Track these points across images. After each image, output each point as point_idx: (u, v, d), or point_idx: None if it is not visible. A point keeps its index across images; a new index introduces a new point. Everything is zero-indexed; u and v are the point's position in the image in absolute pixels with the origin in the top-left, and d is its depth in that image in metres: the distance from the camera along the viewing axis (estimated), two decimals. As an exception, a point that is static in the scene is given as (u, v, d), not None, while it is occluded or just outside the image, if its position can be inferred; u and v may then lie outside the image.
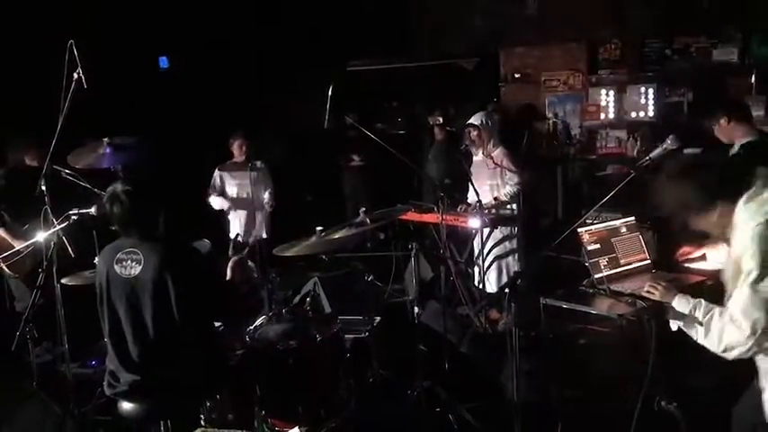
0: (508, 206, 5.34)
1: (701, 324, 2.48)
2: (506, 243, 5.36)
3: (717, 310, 2.43)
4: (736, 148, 4.32)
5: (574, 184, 7.70)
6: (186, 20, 7.21)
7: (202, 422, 3.40)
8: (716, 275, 2.78)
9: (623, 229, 3.51)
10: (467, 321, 5.12)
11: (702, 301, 2.54)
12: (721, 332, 2.37)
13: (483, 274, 5.39)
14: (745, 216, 2.36)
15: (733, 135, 4.37)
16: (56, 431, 3.83)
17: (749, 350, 2.31)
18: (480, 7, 8.58)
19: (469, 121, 5.51)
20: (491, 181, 5.44)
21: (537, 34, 8.24)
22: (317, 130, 4.36)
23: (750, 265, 2.28)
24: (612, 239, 3.42)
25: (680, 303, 2.64)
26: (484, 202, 5.17)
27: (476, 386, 4.20)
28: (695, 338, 2.51)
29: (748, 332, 2.27)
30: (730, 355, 2.36)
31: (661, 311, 2.76)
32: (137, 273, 2.96)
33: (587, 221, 3.55)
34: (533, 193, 5.68)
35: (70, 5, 6.12)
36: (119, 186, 3.02)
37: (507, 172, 5.35)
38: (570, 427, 3.48)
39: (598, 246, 3.37)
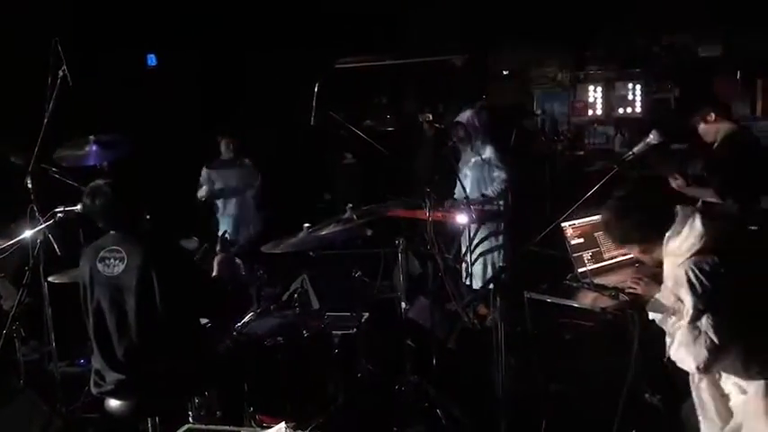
0: (495, 202, 5.36)
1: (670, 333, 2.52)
2: (493, 239, 5.39)
3: (684, 327, 2.45)
4: (718, 141, 4.38)
5: (562, 180, 7.74)
6: (174, 17, 7.19)
7: (190, 419, 3.39)
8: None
9: (607, 224, 3.53)
10: (455, 317, 5.14)
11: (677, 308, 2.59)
12: (677, 353, 2.44)
13: (470, 269, 5.41)
14: (669, 254, 2.48)
15: (717, 131, 4.41)
16: (43, 430, 3.81)
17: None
18: (469, 4, 8.59)
19: (457, 119, 5.53)
20: (479, 177, 5.46)
21: (525, 31, 8.27)
22: (308, 128, 4.37)
23: (688, 304, 2.37)
24: (596, 234, 3.44)
25: (663, 297, 2.67)
26: (471, 198, 5.19)
27: (463, 381, 4.22)
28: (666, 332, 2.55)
29: (696, 366, 2.38)
30: (684, 367, 2.47)
31: (644, 305, 2.78)
32: (120, 271, 2.94)
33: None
34: (521, 190, 5.71)
35: (57, 2, 6.09)
36: (100, 180, 3.01)
37: (495, 168, 5.38)
38: (556, 422, 3.50)
39: (582, 240, 3.39)
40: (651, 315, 2.70)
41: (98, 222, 3.07)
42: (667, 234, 2.49)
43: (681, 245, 2.44)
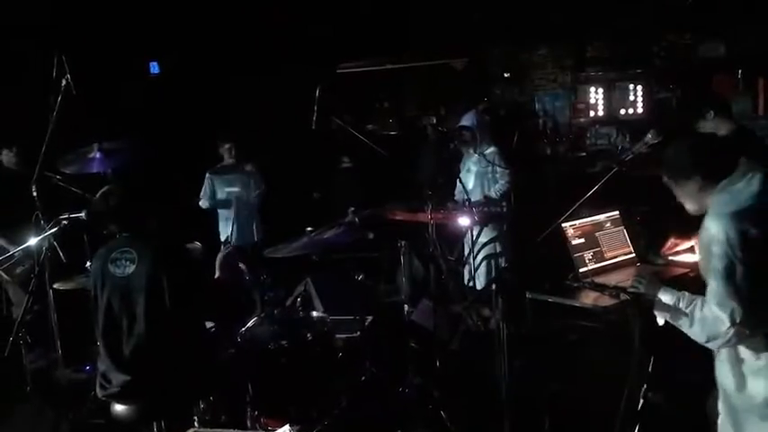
0: (497, 204, 5.38)
1: (686, 315, 2.51)
2: (496, 241, 5.40)
3: (699, 301, 2.46)
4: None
5: (564, 182, 7.75)
6: (176, 25, 7.23)
7: (196, 423, 3.41)
8: (698, 267, 2.82)
9: (607, 224, 3.55)
10: (458, 319, 5.15)
11: (686, 293, 2.58)
12: (703, 323, 2.40)
13: (473, 271, 5.42)
14: (715, 204, 2.41)
15: (717, 129, 4.41)
16: (50, 435, 3.85)
17: (729, 341, 2.35)
18: (469, 8, 8.62)
19: (461, 123, 5.54)
20: (482, 179, 5.48)
21: (526, 33, 8.30)
22: (308, 132, 4.40)
23: (719, 255, 2.31)
24: (597, 233, 3.46)
25: (665, 296, 2.67)
26: (474, 200, 5.21)
27: (467, 383, 4.23)
28: (682, 329, 2.54)
29: (728, 323, 2.30)
30: (714, 345, 2.40)
31: (646, 304, 2.79)
32: (131, 271, 3.02)
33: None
34: (523, 191, 5.73)
35: (60, 11, 6.14)
36: (111, 185, 3.15)
37: (498, 170, 5.39)
38: (559, 422, 3.51)
39: (582, 240, 3.40)
40: (659, 317, 2.70)
41: (110, 224, 3.15)
42: (723, 182, 2.41)
43: (734, 197, 2.37)
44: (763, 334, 2.36)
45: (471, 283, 5.50)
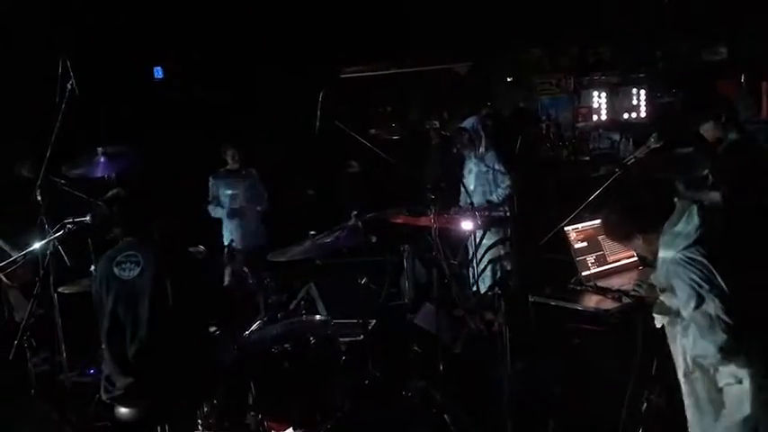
0: (500, 208, 5.39)
1: (682, 321, 2.53)
2: (499, 245, 5.40)
3: (692, 321, 2.47)
4: (723, 146, 4.38)
5: (567, 186, 7.74)
6: (180, 30, 7.27)
7: (199, 426, 3.42)
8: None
9: (610, 227, 3.54)
10: (461, 322, 5.15)
11: None
12: (694, 344, 2.45)
13: (477, 275, 5.43)
14: (664, 247, 2.50)
15: (720, 134, 4.42)
16: (54, 439, 3.86)
17: (721, 361, 2.42)
18: (472, 12, 8.63)
19: (461, 125, 5.57)
20: (484, 184, 5.48)
21: (528, 38, 8.31)
22: (313, 137, 4.42)
23: (685, 295, 2.40)
24: (599, 237, 3.46)
25: (667, 299, 2.68)
26: (476, 204, 5.21)
27: (470, 386, 4.23)
28: (676, 335, 2.56)
29: (719, 350, 2.37)
30: (706, 362, 2.48)
31: (648, 308, 2.80)
32: (136, 274, 3.04)
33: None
34: (526, 195, 5.73)
35: (65, 17, 6.18)
36: (117, 189, 3.18)
37: (500, 174, 5.40)
38: (562, 425, 3.51)
39: (585, 244, 3.41)
40: (658, 320, 2.71)
41: (115, 229, 3.19)
42: (665, 225, 2.50)
43: (676, 237, 2.46)
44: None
45: (474, 287, 5.50)
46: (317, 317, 4.15)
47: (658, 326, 2.71)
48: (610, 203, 2.80)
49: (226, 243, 5.99)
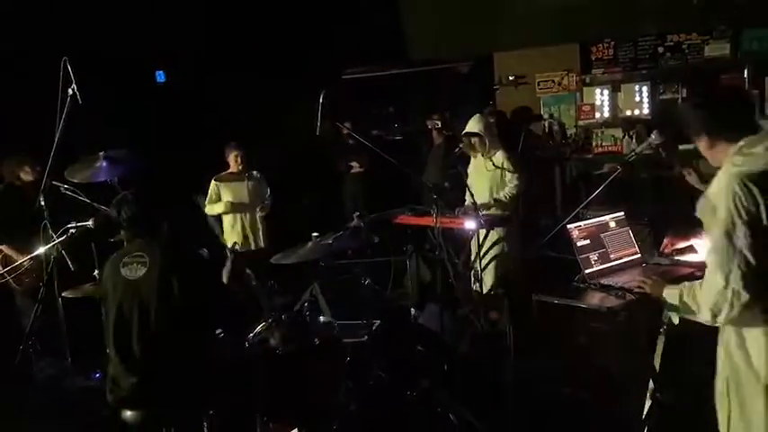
0: (505, 207, 5.38)
1: (692, 301, 2.48)
2: (503, 244, 5.39)
3: (697, 283, 2.43)
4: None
5: (571, 184, 7.74)
6: (182, 34, 7.28)
7: (204, 429, 3.42)
8: (704, 266, 2.81)
9: (612, 224, 3.54)
10: (465, 322, 5.15)
11: (686, 282, 2.56)
12: (704, 296, 2.35)
13: (480, 274, 5.42)
14: (728, 162, 2.36)
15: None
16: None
17: (733, 307, 2.26)
18: (473, 11, 8.63)
19: (469, 130, 5.52)
20: (491, 183, 5.47)
21: (529, 36, 8.29)
22: (315, 138, 4.42)
23: (722, 213, 2.27)
24: (602, 234, 3.45)
25: (670, 295, 2.67)
26: (482, 203, 5.21)
27: (475, 386, 4.22)
28: (697, 320, 2.49)
29: (722, 283, 2.25)
30: (720, 319, 2.32)
31: (652, 305, 2.78)
32: (142, 274, 3.07)
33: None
34: (531, 194, 5.72)
35: (67, 20, 6.19)
36: (126, 193, 3.22)
37: (507, 173, 5.39)
38: (568, 425, 3.50)
39: (588, 241, 3.39)
40: (672, 316, 2.68)
41: (123, 231, 3.24)
42: (741, 143, 2.35)
43: (749, 160, 2.31)
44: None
45: (478, 286, 5.49)
46: (322, 318, 4.14)
47: (676, 322, 2.68)
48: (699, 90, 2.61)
49: (229, 245, 6.00)
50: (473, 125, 5.49)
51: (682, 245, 3.31)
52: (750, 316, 2.29)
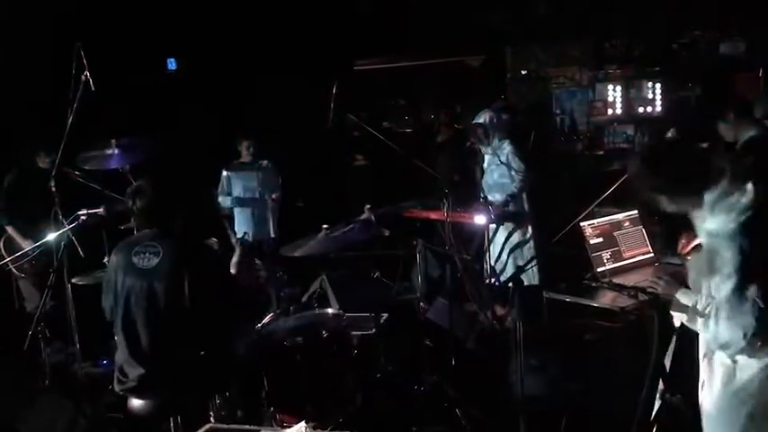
0: (515, 201, 5.36)
1: (702, 317, 2.47)
2: (513, 239, 5.38)
3: (713, 308, 2.42)
4: (740, 144, 4.32)
5: (582, 180, 7.69)
6: (193, 22, 7.27)
7: (212, 419, 3.43)
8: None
9: (626, 223, 3.52)
10: (474, 317, 5.14)
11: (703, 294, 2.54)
12: (716, 334, 2.35)
13: (490, 269, 5.41)
14: (713, 214, 2.33)
15: (738, 130, 4.36)
16: (68, 429, 3.87)
17: (743, 351, 2.28)
18: (486, 4, 8.57)
19: (476, 120, 5.53)
20: (502, 177, 5.45)
21: (543, 31, 8.24)
22: (323, 130, 4.40)
23: (729, 269, 2.25)
24: (615, 233, 3.43)
25: (683, 296, 2.65)
26: (496, 198, 5.20)
27: (482, 381, 4.22)
28: (698, 331, 2.51)
29: (741, 339, 2.25)
30: (727, 353, 2.35)
31: (664, 304, 2.76)
32: (154, 264, 3.06)
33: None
34: (541, 190, 5.70)
35: (78, 8, 6.19)
36: (142, 181, 3.18)
37: (513, 166, 5.37)
38: (575, 422, 3.49)
39: (601, 239, 3.37)
40: (676, 318, 2.67)
41: (137, 221, 3.22)
42: (714, 193, 2.32)
43: (732, 206, 2.27)
44: None
45: (487, 282, 5.48)
46: (330, 310, 4.14)
47: (677, 324, 2.67)
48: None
49: (238, 236, 6.00)
50: (481, 117, 5.49)
51: (697, 242, 3.27)
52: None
